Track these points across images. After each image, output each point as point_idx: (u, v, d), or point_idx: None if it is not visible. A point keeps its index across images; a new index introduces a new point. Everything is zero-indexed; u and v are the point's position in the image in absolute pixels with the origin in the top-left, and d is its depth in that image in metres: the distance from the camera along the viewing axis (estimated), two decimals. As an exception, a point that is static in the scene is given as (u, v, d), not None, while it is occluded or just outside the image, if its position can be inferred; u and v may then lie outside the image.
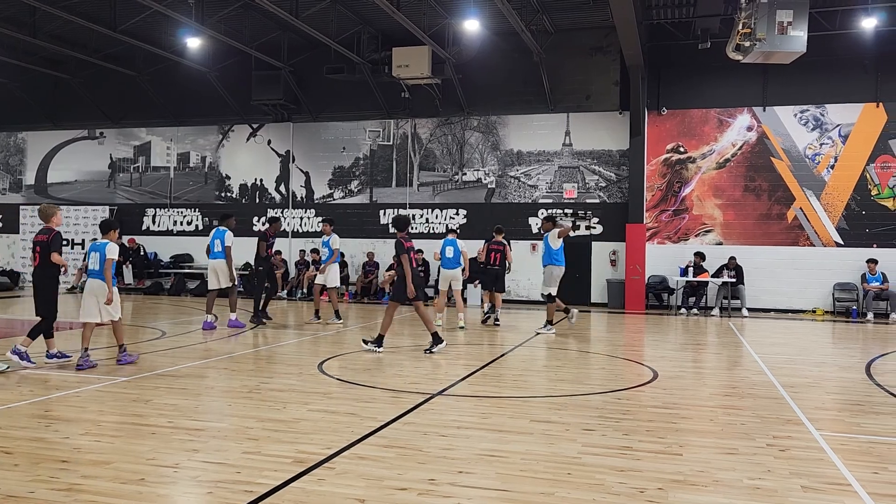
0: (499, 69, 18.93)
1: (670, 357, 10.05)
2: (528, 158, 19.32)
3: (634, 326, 14.41)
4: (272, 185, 21.14)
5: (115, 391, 6.86)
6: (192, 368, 8.18)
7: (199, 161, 21.79)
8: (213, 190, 21.60)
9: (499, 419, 5.98)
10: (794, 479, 4.48)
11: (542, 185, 19.20)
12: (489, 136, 19.61)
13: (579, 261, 18.72)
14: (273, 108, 20.52)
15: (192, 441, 5.15)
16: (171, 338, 10.87)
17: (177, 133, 21.93)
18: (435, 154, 20.01)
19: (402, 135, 20.23)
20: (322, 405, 6.40)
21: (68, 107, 22.44)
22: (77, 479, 4.29)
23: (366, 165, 20.47)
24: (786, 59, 13.33)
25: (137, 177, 22.28)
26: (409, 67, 17.64)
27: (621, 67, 17.86)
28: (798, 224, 17.57)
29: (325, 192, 20.72)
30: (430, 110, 19.74)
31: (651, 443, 5.29)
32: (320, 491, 4.15)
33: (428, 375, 8.08)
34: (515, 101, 19.18)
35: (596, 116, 18.73)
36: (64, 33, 18.70)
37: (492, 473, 4.52)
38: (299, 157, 20.94)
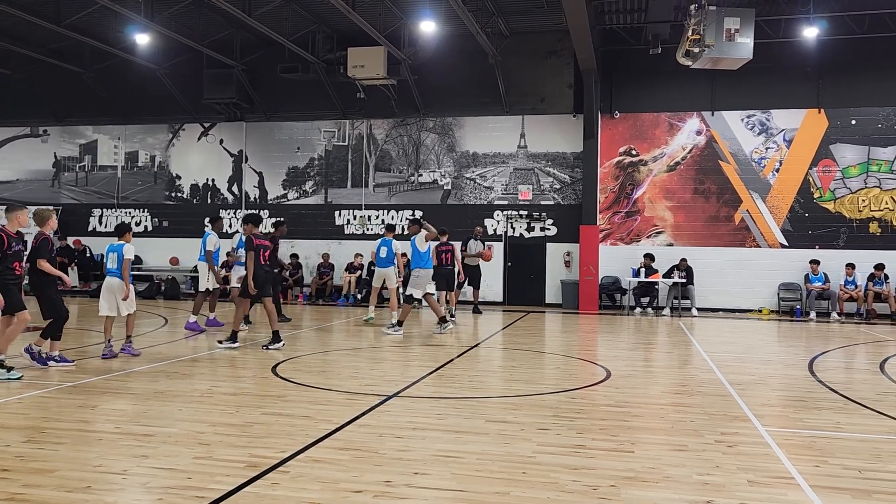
0: (455, 71, 18.99)
1: (623, 356, 10.22)
2: (483, 160, 19.43)
3: (588, 326, 14.61)
4: (224, 185, 20.80)
5: (59, 397, 6.66)
6: (141, 372, 7.99)
7: (148, 160, 21.31)
8: (163, 190, 21.15)
9: (455, 420, 5.99)
10: (741, 474, 4.60)
11: (497, 187, 19.32)
12: (445, 137, 19.65)
13: (534, 262, 18.92)
14: (225, 107, 20.20)
15: (140, 447, 5.03)
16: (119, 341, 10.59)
17: (125, 132, 21.42)
18: (391, 155, 19.96)
19: (358, 135, 20.13)
20: (276, 408, 6.32)
21: (10, 103, 21.70)
22: (19, 488, 4.15)
23: (321, 166, 20.30)
24: (733, 66, 13.70)
25: (83, 176, 21.68)
26: (364, 68, 17.55)
27: (575, 71, 18.10)
28: (745, 226, 18.05)
29: (280, 193, 20.48)
30: (386, 111, 19.68)
31: (604, 441, 5.38)
32: (274, 495, 4.10)
33: (384, 377, 8.06)
34: (471, 103, 19.26)
35: (550, 119, 18.94)
36: (5, 27, 18.08)
37: (447, 474, 4.52)
38: (252, 157, 20.65)
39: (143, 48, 18.53)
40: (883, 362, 9.86)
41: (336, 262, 19.47)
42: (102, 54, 19.19)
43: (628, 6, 16.41)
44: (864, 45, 17.03)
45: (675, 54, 14.17)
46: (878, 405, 6.82)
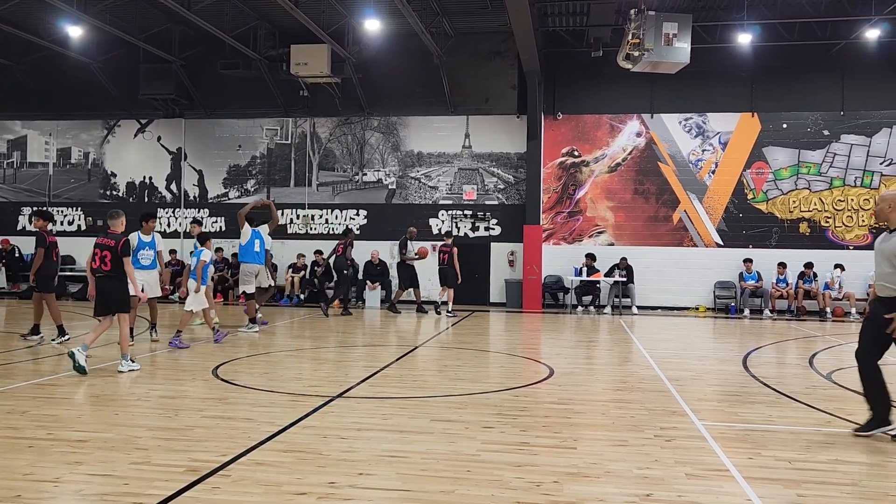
0: (400, 70, 18.94)
1: (566, 354, 10.37)
2: (428, 160, 19.44)
3: (532, 325, 14.77)
4: (163, 183, 20.28)
5: (-14, 403, 6.37)
6: (74, 377, 7.71)
7: (81, 157, 20.60)
8: (98, 188, 20.49)
9: (399, 419, 5.98)
10: (679, 467, 4.73)
11: (442, 187, 19.36)
12: (390, 136, 19.59)
13: (478, 261, 19.02)
14: (163, 103, 19.68)
15: (74, 453, 4.86)
16: (50, 344, 10.21)
17: (56, 127, 20.66)
18: (335, 154, 19.79)
19: (301, 134, 19.89)
20: (217, 411, 6.19)
21: (-68, 96, 20.69)
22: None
23: (263, 164, 19.98)
24: (671, 69, 14.06)
25: (12, 173, 20.82)
26: (307, 66, 17.34)
27: (519, 72, 18.29)
28: (683, 226, 18.54)
29: (220, 192, 20.07)
30: (330, 109, 19.50)
31: (547, 437, 5.45)
32: (215, 500, 4.02)
33: (328, 378, 7.98)
34: (416, 103, 19.25)
35: (495, 119, 19.08)
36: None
37: (392, 474, 4.51)
38: (192, 155, 20.18)
39: (77, 41, 17.89)
40: (812, 357, 10.28)
41: (279, 262, 19.17)
42: (33, 47, 18.44)
43: (571, 9, 16.67)
44: (794, 51, 17.69)
45: (616, 57, 14.46)
46: (808, 398, 7.11)
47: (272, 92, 19.17)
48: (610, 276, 17.78)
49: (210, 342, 10.61)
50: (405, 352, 10.17)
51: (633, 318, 16.29)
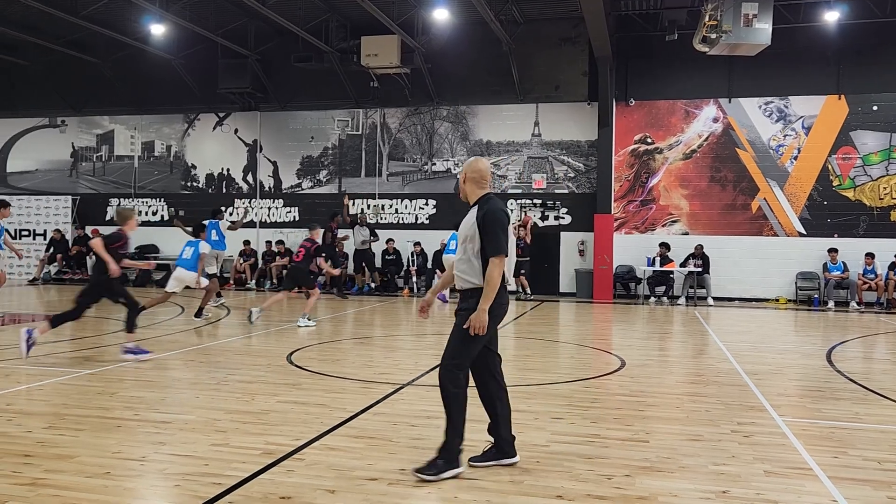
0: (468, 59, 18.90)
1: (638, 346, 10.18)
2: (497, 148, 19.36)
3: (602, 316, 14.56)
4: (239, 174, 20.88)
5: (79, 384, 6.74)
6: (158, 360, 8.06)
7: (164, 150, 21.43)
8: (179, 179, 21.27)
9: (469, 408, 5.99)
10: (758, 465, 4.58)
11: (511, 176, 19.26)
12: (458, 126, 19.59)
13: (548, 251, 18.86)
14: (240, 96, 20.24)
15: (158, 434, 5.08)
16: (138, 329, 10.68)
17: (141, 122, 21.53)
18: (404, 144, 19.93)
19: (371, 124, 20.11)
20: (291, 396, 6.36)
21: (28, 94, 21.87)
22: (41, 473, 4.21)
23: (334, 155, 20.32)
24: (751, 52, 13.53)
25: (101, 166, 21.84)
26: (378, 57, 17.51)
27: (590, 58, 17.97)
28: (762, 214, 17.88)
29: (294, 182, 20.53)
30: (400, 100, 19.64)
31: (618, 430, 5.36)
32: (290, 482, 4.13)
33: (398, 366, 8.08)
34: (485, 91, 19.18)
35: (565, 107, 18.82)
36: (22, 18, 18.19)
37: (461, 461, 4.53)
38: (267, 147, 20.71)
39: (159, 38, 18.58)
40: (902, 352, 9.76)
41: (350, 252, 19.50)
42: (118, 45, 19.27)
43: (644, -8, 16.26)
44: (886, 29, 16.75)
45: (692, 41, 14.03)
46: (897, 395, 6.76)
47: (343, 84, 19.44)
48: (684, 266, 17.34)
49: (282, 329, 10.89)
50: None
51: (709, 310, 15.84)
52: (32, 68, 21.21)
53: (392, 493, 3.99)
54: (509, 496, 3.97)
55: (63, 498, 3.82)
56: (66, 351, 8.49)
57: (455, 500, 3.91)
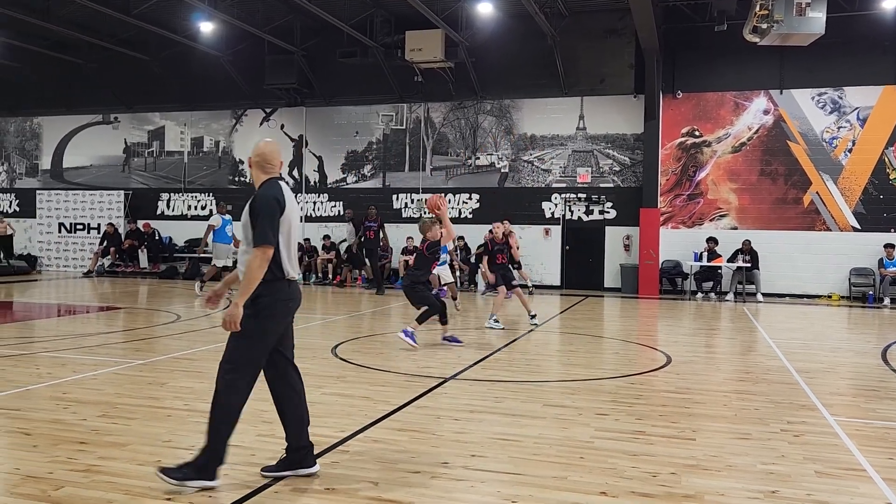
0: (512, 52, 18.79)
1: (684, 342, 10.02)
2: (541, 142, 19.22)
3: (648, 311, 14.37)
4: (285, 169, 21.15)
5: (131, 374, 6.93)
6: (207, 352, 8.24)
7: (212, 146, 21.84)
8: (227, 174, 21.66)
9: (512, 403, 6.00)
10: (809, 465, 4.47)
11: (555, 170, 19.11)
12: (502, 120, 19.51)
13: (592, 245, 18.68)
14: (286, 92, 20.51)
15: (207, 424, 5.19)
16: (185, 321, 10.96)
17: (190, 118, 21.98)
18: (448, 138, 19.94)
19: (416, 119, 20.17)
20: (336, 389, 6.44)
21: (82, 92, 22.52)
22: (95, 460, 4.35)
23: (379, 150, 20.44)
24: (804, 41, 13.14)
25: (152, 161, 22.38)
26: (422, 51, 17.55)
27: (636, 50, 17.70)
28: (814, 208, 17.40)
29: (339, 177, 20.72)
30: (444, 94, 19.65)
31: (664, 427, 5.29)
32: (334, 474, 4.19)
33: (441, 360, 8.11)
34: (529, 85, 19.05)
35: (610, 100, 18.58)
36: (77, 17, 18.72)
37: (504, 457, 4.53)
38: (312, 142, 20.94)
39: (207, 35, 18.94)
40: (963, 351, 9.41)
41: (394, 246, 19.62)
42: (169, 42, 19.70)
43: (693, -18, 15.93)
44: (947, 17, 16.10)
45: (742, 31, 13.68)
46: (957, 396, 6.51)
47: (388, 78, 19.53)
48: (733, 261, 16.98)
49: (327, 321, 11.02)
50: (517, 336, 10.15)
51: (758, 306, 15.50)
52: (87, 67, 21.83)
53: (435, 487, 4.01)
54: (552, 491, 3.95)
55: (115, 484, 3.94)
56: (119, 342, 8.73)
57: (497, 495, 3.91)
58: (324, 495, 3.86)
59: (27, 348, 8.33)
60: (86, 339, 9.14)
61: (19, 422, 5.16)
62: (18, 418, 5.25)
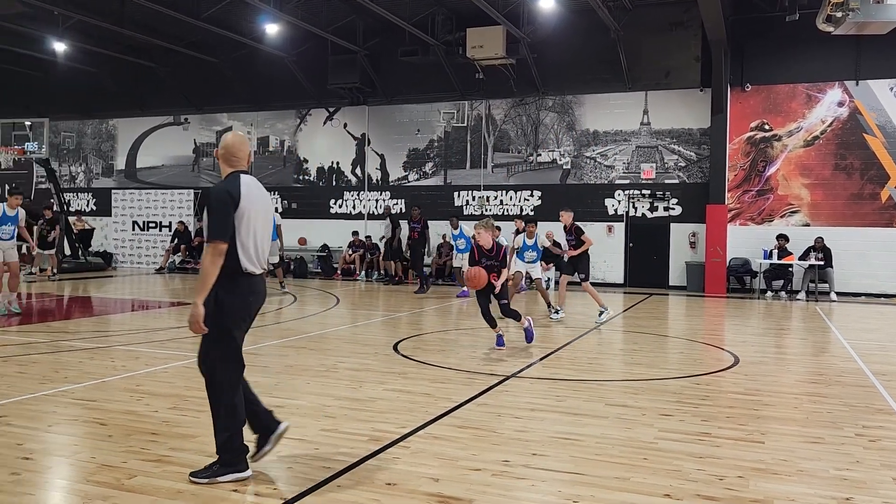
0: (574, 48, 18.57)
1: (753, 342, 9.73)
2: (604, 138, 18.94)
3: (715, 310, 14.00)
4: (348, 167, 21.46)
5: (200, 367, 7.15)
6: (271, 347, 8.44)
7: (278, 145, 22.32)
8: (292, 173, 22.10)
9: (574, 402, 5.94)
10: (885, 471, 4.28)
11: (618, 166, 18.80)
12: (564, 116, 19.31)
13: (657, 243, 18.31)
14: (349, 91, 20.78)
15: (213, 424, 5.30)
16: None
17: (256, 118, 22.51)
18: (509, 135, 19.86)
19: (477, 116, 20.15)
20: (397, 385, 6.50)
21: (155, 94, 23.34)
22: (166, 451, 4.51)
23: (440, 147, 20.51)
24: (881, 30, 12.55)
25: (220, 161, 22.98)
26: (483, 48, 17.52)
27: (703, 42, 17.24)
28: (893, 204, 16.62)
29: (400, 175, 20.89)
30: (505, 91, 19.57)
31: (731, 429, 5.15)
32: (396, 469, 4.23)
33: (502, 357, 8.09)
34: (591, 80, 18.79)
35: (675, 94, 18.16)
36: (149, 22, 19.41)
37: (566, 456, 4.49)
38: (374, 140, 21.17)
39: (273, 37, 19.35)
40: None
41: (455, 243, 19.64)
42: (236, 45, 20.23)
43: (762, -30, 15.41)
44: None
45: (815, 20, 13.17)
46: None
47: (449, 76, 19.58)
48: (804, 259, 16.37)
49: (388, 318, 11.12)
50: (579, 334, 10.04)
51: (831, 305, 14.90)
52: (159, 70, 22.60)
53: (495, 485, 4.01)
54: (614, 492, 3.90)
55: (184, 475, 4.07)
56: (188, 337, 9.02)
57: (558, 495, 3.88)
58: (385, 490, 3.90)
59: (103, 342, 8.70)
60: (157, 333, 9.49)
61: (96, 412, 5.39)
62: (95, 409, 5.49)
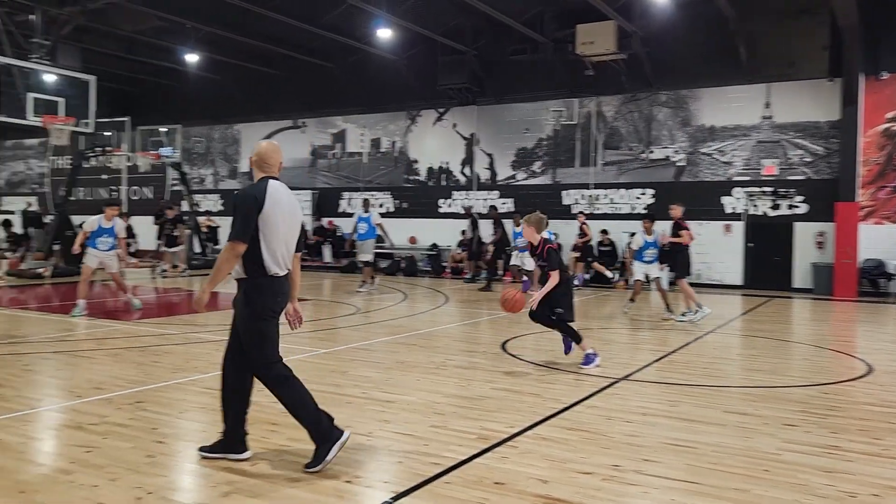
0: (689, 40, 17.88)
1: (889, 350, 9.03)
2: (721, 133, 18.13)
3: (844, 315, 13.10)
4: (457, 167, 21.64)
5: (315, 361, 7.43)
6: (383, 343, 8.64)
7: (389, 146, 22.82)
8: (402, 173, 22.53)
9: (688, 408, 5.72)
10: None
11: (737, 162, 17.95)
12: (679, 111, 18.64)
13: (779, 243, 17.35)
14: (458, 91, 20.95)
15: (383, 412, 5.45)
16: (364, 314, 11.56)
17: (369, 120, 23.11)
18: (620, 132, 19.39)
19: (586, 114, 19.81)
20: (505, 384, 6.49)
21: (275, 99, 24.42)
22: (284, 440, 4.71)
23: (549, 146, 20.31)
24: None
25: (335, 162, 23.80)
26: (593, 44, 17.20)
27: (831, 29, 16.17)
28: None
29: (509, 174, 20.86)
30: (616, 87, 19.11)
31: (864, 443, 4.80)
32: (504, 468, 4.22)
33: (612, 359, 7.91)
34: (708, 73, 18.01)
35: (800, 85, 17.12)
36: (270, 31, 20.35)
37: (680, 464, 4.34)
38: (483, 140, 21.24)
39: (384, 41, 19.82)
40: None
41: (564, 243, 19.41)
42: (350, 50, 20.87)
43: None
44: None
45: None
46: None
47: (558, 74, 19.35)
48: (950, 260, 15.04)
49: (494, 317, 11.14)
50: (695, 337, 9.67)
51: (982, 312, 13.60)
52: (279, 76, 23.66)
53: (606, 489, 3.93)
54: (733, 504, 3.73)
55: (301, 464, 4.24)
56: (306, 331, 9.37)
57: (672, 503, 3.75)
58: (493, 489, 3.90)
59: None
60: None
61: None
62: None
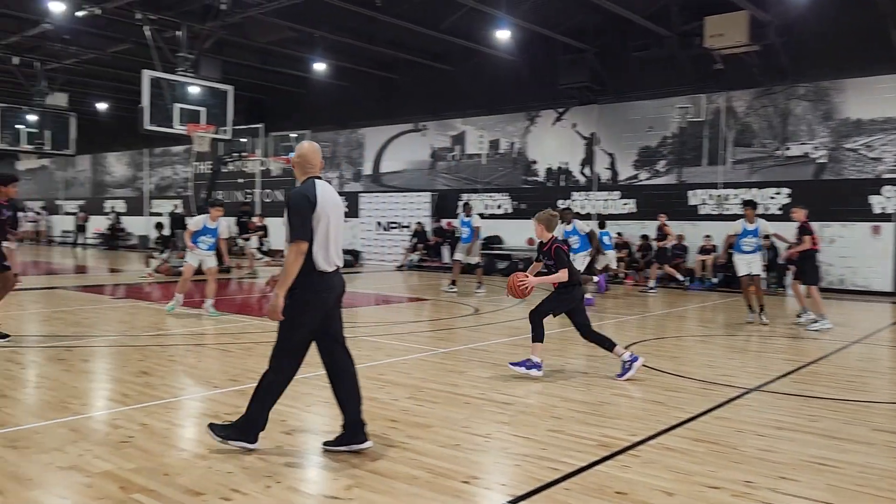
0: (832, 28, 16.64)
1: None
2: (869, 127, 16.75)
3: None
4: (577, 167, 21.27)
5: (434, 361, 7.50)
6: (501, 344, 8.60)
7: (508, 147, 22.77)
8: (521, 174, 22.41)
9: (831, 423, 5.30)
10: None
11: (887, 158, 16.52)
12: (819, 104, 17.40)
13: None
14: (578, 91, 20.58)
15: (501, 414, 5.41)
16: (482, 314, 11.57)
17: (488, 121, 23.16)
18: (752, 128, 18.35)
19: (715, 110, 18.89)
20: (626, 390, 6.28)
21: (397, 103, 24.99)
22: (403, 438, 4.77)
23: (673, 144, 19.54)
24: None
25: (454, 164, 24.04)
26: (723, 36, 16.37)
27: None
28: None
29: (631, 174, 20.26)
30: (747, 81, 18.09)
31: None
32: (625, 478, 4.07)
33: (743, 368, 7.48)
34: (854, 63, 16.68)
35: (963, 72, 15.54)
36: (394, 38, 20.84)
37: (820, 483, 4.02)
38: (604, 139, 20.74)
39: (503, 43, 19.78)
40: None
41: (690, 244, 18.63)
42: (469, 52, 21.00)
43: None
44: None
45: None
46: None
47: (684, 69, 18.57)
48: None
49: (619, 320, 10.82)
50: (837, 347, 8.98)
51: None
52: (401, 80, 24.21)
53: (736, 506, 3.69)
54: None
55: (420, 462, 4.27)
56: (425, 330, 9.51)
57: (812, 526, 3.47)
58: (615, 498, 3.77)
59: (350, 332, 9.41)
60: (397, 326, 10.12)
61: (343, 397, 5.85)
62: (343, 394, 5.97)
